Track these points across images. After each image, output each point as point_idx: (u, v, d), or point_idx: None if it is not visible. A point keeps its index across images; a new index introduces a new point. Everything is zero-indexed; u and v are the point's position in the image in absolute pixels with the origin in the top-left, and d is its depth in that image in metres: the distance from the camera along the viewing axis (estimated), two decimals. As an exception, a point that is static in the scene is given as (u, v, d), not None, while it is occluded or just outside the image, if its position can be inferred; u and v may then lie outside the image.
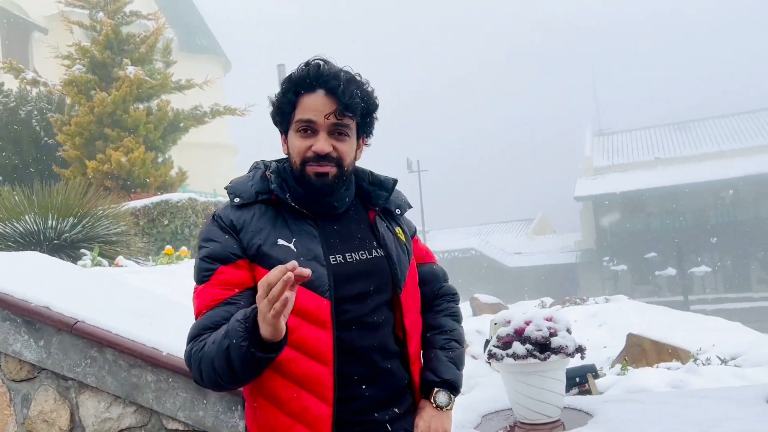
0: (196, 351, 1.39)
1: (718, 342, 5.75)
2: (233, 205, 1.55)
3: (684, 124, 38.84)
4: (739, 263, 32.13)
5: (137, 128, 12.18)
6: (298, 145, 1.50)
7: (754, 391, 2.73)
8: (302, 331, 1.43)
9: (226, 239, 1.48)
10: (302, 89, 1.49)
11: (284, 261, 1.28)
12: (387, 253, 1.58)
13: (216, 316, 1.40)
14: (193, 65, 23.46)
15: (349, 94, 1.48)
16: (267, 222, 1.50)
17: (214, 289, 1.44)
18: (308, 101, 1.49)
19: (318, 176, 1.49)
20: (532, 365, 2.58)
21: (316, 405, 1.43)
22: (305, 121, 1.49)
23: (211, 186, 22.15)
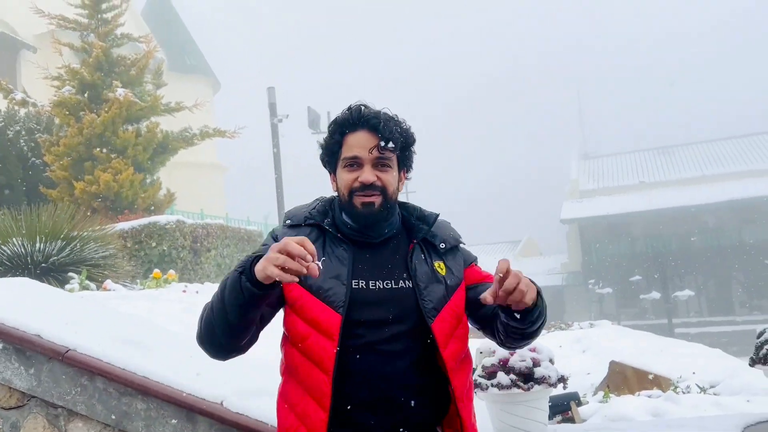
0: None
1: (698, 369, 5.84)
2: (285, 224, 1.74)
3: (668, 148, 39.43)
4: (722, 287, 32.45)
5: (126, 150, 12.20)
6: (346, 178, 1.65)
7: (731, 420, 2.80)
8: (312, 339, 1.56)
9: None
10: (347, 129, 1.66)
11: (308, 276, 1.45)
12: (415, 283, 1.64)
13: None
14: (181, 85, 23.55)
15: (389, 130, 1.64)
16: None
17: None
18: (353, 139, 1.65)
19: (364, 205, 1.64)
20: (516, 395, 2.63)
21: (315, 411, 1.55)
22: (351, 158, 1.65)
23: (199, 206, 22.14)
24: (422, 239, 1.72)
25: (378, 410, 1.57)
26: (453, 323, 1.64)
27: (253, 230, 13.13)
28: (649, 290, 25.35)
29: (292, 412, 1.60)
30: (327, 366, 1.53)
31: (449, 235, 1.78)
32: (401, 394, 1.59)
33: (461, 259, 1.76)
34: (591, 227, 35.49)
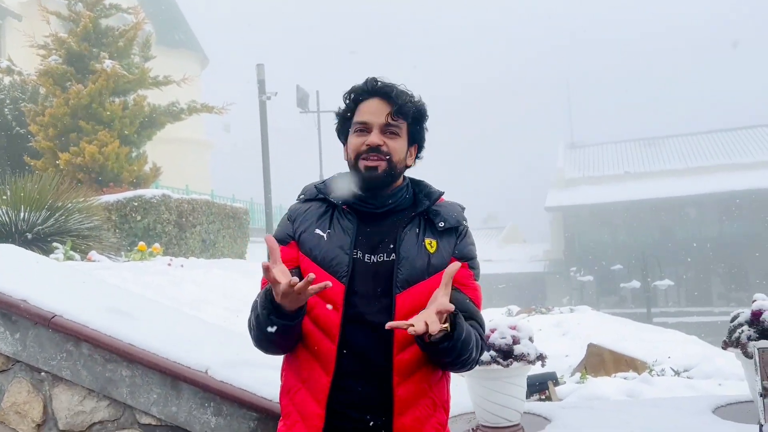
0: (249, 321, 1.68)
1: (673, 354, 5.98)
2: (298, 199, 1.82)
3: (653, 140, 39.70)
4: (701, 278, 32.95)
5: (112, 122, 12.06)
6: (354, 142, 1.70)
7: (702, 401, 2.88)
8: (319, 309, 1.64)
9: (287, 224, 1.77)
10: (361, 97, 1.71)
11: (313, 246, 1.69)
12: (397, 255, 1.65)
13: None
14: (169, 60, 23.23)
15: (401, 99, 1.69)
16: (314, 215, 1.75)
17: None
18: (364, 106, 1.70)
19: (368, 169, 1.67)
20: (495, 371, 2.69)
21: (319, 375, 1.63)
22: (361, 123, 1.69)
23: (184, 182, 21.99)
24: (423, 216, 1.73)
25: (365, 378, 1.63)
26: (423, 302, 1.56)
27: (239, 207, 13.09)
28: (629, 279, 25.67)
29: (296, 374, 1.69)
30: (333, 334, 1.62)
31: (451, 216, 1.75)
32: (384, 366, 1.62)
33: (454, 245, 1.72)
34: (575, 216, 35.78)
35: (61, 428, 2.72)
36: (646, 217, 33.63)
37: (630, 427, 2.44)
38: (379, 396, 1.62)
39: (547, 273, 36.89)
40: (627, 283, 25.55)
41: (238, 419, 2.53)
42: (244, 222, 12.55)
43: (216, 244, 11.02)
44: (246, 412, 2.51)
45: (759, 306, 2.51)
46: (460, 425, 2.80)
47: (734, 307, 13.41)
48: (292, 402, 1.69)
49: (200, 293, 5.86)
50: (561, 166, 38.32)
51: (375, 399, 1.63)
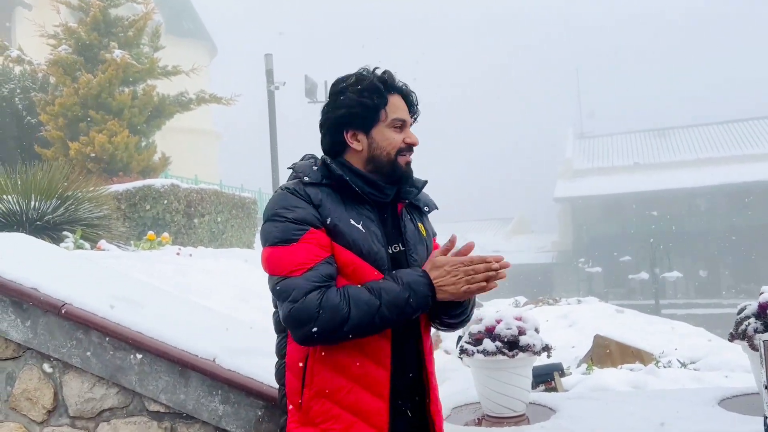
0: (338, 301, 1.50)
1: (680, 346, 5.97)
2: (304, 183, 1.68)
3: (663, 131, 39.44)
4: (710, 270, 32.79)
5: (122, 112, 12.12)
6: (396, 138, 1.72)
7: (708, 393, 2.88)
8: None
9: (309, 207, 1.62)
10: (391, 91, 1.73)
11: (356, 238, 1.61)
12: (406, 244, 1.74)
13: (323, 271, 1.55)
14: (178, 49, 23.26)
15: (417, 102, 1.80)
16: (337, 203, 1.66)
17: (311, 247, 1.57)
18: (397, 102, 1.73)
19: (408, 165, 1.74)
20: (501, 362, 2.70)
21: (374, 369, 1.61)
22: (401, 119, 1.72)
23: (193, 172, 22.06)
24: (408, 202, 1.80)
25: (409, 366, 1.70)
26: None
27: (247, 197, 13.14)
28: (638, 271, 25.59)
29: (341, 374, 1.60)
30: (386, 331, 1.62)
31: (431, 200, 1.90)
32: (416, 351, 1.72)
33: (430, 225, 1.90)
34: (583, 207, 35.65)
35: (72, 414, 2.76)
36: (656, 209, 33.45)
37: (635, 418, 2.45)
38: (418, 381, 1.73)
39: (554, 264, 36.82)
40: (636, 275, 25.47)
41: (246, 407, 2.55)
42: (252, 212, 12.60)
43: (224, 234, 11.07)
44: (253, 400, 2.54)
45: (766, 299, 2.50)
46: (466, 415, 2.82)
47: (743, 299, 13.31)
48: (339, 404, 1.60)
49: (208, 282, 5.89)
50: (570, 157, 38.17)
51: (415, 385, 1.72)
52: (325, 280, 1.53)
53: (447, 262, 1.57)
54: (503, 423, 2.59)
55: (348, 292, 1.52)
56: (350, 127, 1.72)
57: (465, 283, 1.54)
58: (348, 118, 1.71)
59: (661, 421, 2.34)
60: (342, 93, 1.72)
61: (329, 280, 1.55)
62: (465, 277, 1.54)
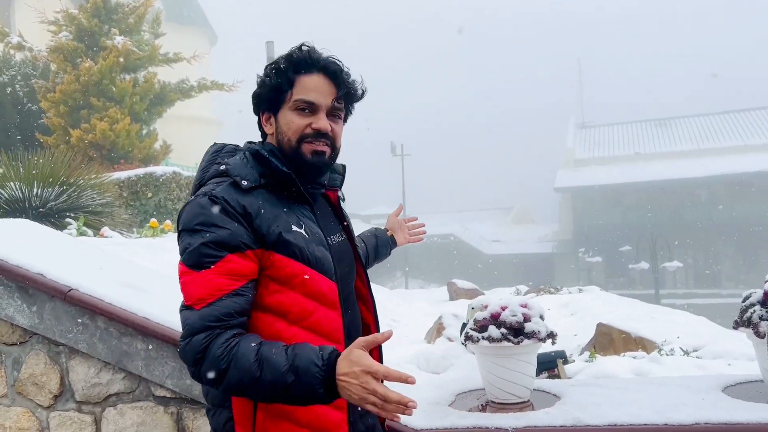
0: (220, 355, 1.34)
1: (682, 334, 6.00)
2: (241, 188, 1.48)
3: (664, 120, 39.37)
4: (710, 260, 32.85)
5: (123, 99, 12.10)
6: (297, 122, 1.53)
7: (712, 380, 2.89)
8: (318, 314, 1.49)
9: (236, 227, 1.43)
10: (302, 69, 1.53)
11: (302, 247, 1.46)
12: (349, 235, 1.71)
13: (226, 308, 1.37)
14: (179, 37, 23.18)
15: (349, 81, 1.57)
16: (276, 208, 1.50)
17: (220, 278, 1.39)
18: (308, 82, 1.53)
19: (314, 154, 1.54)
20: (506, 348, 2.71)
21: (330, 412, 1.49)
22: (306, 102, 1.53)
23: (193, 159, 22.04)
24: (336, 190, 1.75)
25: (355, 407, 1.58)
26: None
27: (248, 185, 13.12)
28: (638, 260, 25.60)
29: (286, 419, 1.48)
30: (338, 336, 1.52)
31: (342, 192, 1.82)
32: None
33: None
34: (584, 196, 35.65)
35: (78, 399, 2.77)
36: (656, 199, 33.47)
37: (641, 405, 2.46)
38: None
39: (555, 254, 36.87)
40: (636, 265, 25.49)
41: (252, 392, 2.57)
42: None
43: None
44: (259, 385, 2.55)
45: (772, 286, 2.50)
46: (470, 401, 2.83)
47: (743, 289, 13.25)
48: (297, 423, 1.46)
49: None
50: (571, 147, 38.11)
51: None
52: (219, 319, 1.36)
53: (376, 373, 1.25)
54: (508, 409, 2.60)
55: (236, 350, 1.33)
56: (262, 107, 1.60)
57: (365, 402, 1.27)
58: (257, 98, 1.60)
59: (667, 408, 2.35)
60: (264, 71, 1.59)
61: (229, 318, 1.37)
62: (372, 398, 1.26)
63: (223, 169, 1.52)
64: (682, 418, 2.27)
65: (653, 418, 2.33)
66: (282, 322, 1.47)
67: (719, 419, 2.25)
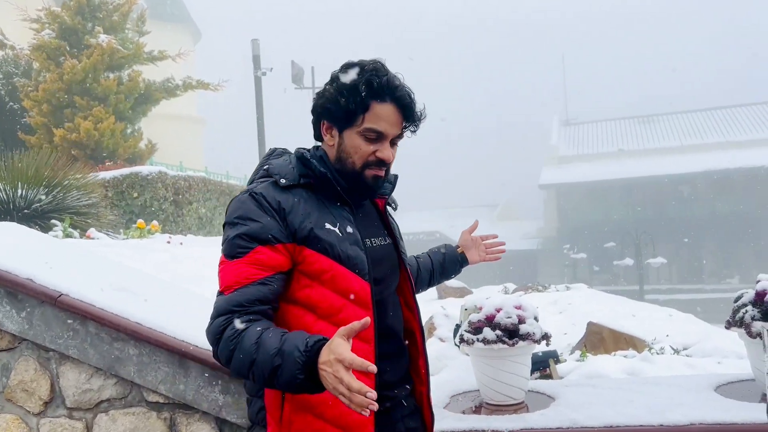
0: (231, 335, 1.43)
1: (671, 332, 6.05)
2: (280, 186, 1.59)
3: (648, 117, 39.70)
4: (693, 256, 33.21)
5: (107, 98, 11.97)
6: (364, 149, 1.61)
7: (704, 379, 2.91)
8: (347, 311, 1.54)
9: (268, 221, 1.53)
10: (378, 98, 1.58)
11: (333, 243, 1.54)
12: (394, 239, 1.76)
13: (249, 295, 1.47)
14: (162, 34, 22.96)
15: (417, 115, 1.64)
16: (312, 206, 1.59)
17: (249, 267, 1.50)
18: (381, 111, 1.59)
19: (375, 179, 1.64)
20: (501, 350, 2.71)
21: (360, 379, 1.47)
22: (376, 131, 1.60)
23: (177, 158, 21.86)
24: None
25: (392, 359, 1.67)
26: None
27: (235, 184, 13.07)
28: (622, 257, 25.83)
29: None
30: (368, 335, 1.56)
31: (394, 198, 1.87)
32: (403, 342, 1.74)
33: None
34: (568, 193, 35.88)
35: (69, 406, 2.74)
36: (640, 195, 33.76)
37: (635, 405, 2.48)
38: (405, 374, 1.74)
39: (540, 250, 37.07)
40: (620, 261, 25.70)
41: (246, 397, 2.55)
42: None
43: (212, 222, 11.01)
44: (255, 390, 2.53)
45: (763, 286, 2.53)
46: (465, 402, 2.83)
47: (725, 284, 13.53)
48: (321, 418, 1.53)
49: (201, 270, 5.86)
50: (555, 144, 38.32)
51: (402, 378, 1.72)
52: (241, 305, 1.45)
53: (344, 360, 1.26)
54: (503, 411, 2.60)
55: (245, 333, 1.41)
56: (326, 119, 1.65)
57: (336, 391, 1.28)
58: (324, 110, 1.64)
59: (662, 408, 2.37)
60: (332, 81, 1.63)
61: (251, 304, 1.46)
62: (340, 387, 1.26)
63: (266, 168, 1.65)
64: (677, 419, 2.29)
65: (648, 418, 2.34)
66: (311, 315, 1.55)
67: (714, 419, 2.27)
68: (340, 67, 1.64)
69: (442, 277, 2.29)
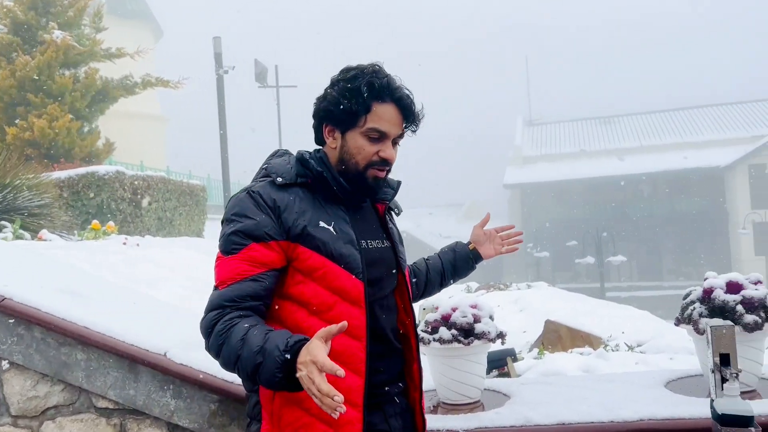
0: (221, 330, 1.47)
1: (627, 329, 6.17)
2: (277, 184, 1.63)
3: (609, 118, 40.44)
4: (652, 254, 33.98)
5: (63, 95, 11.66)
6: (368, 150, 1.64)
7: (655, 376, 2.96)
8: (339, 308, 1.57)
9: (263, 218, 1.57)
10: (379, 99, 1.63)
11: (325, 240, 1.57)
12: (392, 243, 1.78)
13: (241, 291, 1.51)
14: (122, 30, 22.53)
15: (416, 115, 1.69)
16: (308, 205, 1.62)
17: (242, 264, 1.53)
18: (383, 112, 1.63)
19: (376, 179, 1.68)
20: (456, 349, 2.72)
21: (349, 377, 1.52)
22: (380, 131, 1.64)
23: (138, 158, 21.47)
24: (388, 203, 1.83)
25: (385, 360, 1.68)
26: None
27: (196, 184, 12.85)
28: (584, 255, 26.28)
29: None
30: (359, 333, 1.58)
31: (398, 204, 1.90)
32: (398, 342, 1.74)
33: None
34: (532, 193, 36.34)
35: (14, 414, 2.65)
36: (601, 195, 34.37)
37: (588, 402, 2.50)
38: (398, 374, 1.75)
39: (504, 249, 37.40)
40: (582, 259, 26.15)
41: (198, 402, 2.51)
42: (202, 199, 12.35)
43: (173, 222, 10.82)
44: (206, 394, 2.49)
45: (710, 284, 2.58)
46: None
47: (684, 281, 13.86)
48: (309, 412, 1.54)
49: (158, 272, 5.75)
50: (519, 144, 38.77)
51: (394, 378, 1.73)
52: (233, 300, 1.49)
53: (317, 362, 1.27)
54: (459, 410, 2.61)
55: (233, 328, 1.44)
56: (328, 122, 1.69)
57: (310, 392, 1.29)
58: (326, 113, 1.67)
59: (614, 405, 2.40)
60: (333, 85, 1.67)
61: (242, 300, 1.50)
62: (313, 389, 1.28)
63: (266, 168, 1.70)
64: (628, 415, 2.33)
65: (600, 415, 2.37)
66: (302, 311, 1.57)
67: (662, 415, 2.31)
68: (340, 72, 1.69)
69: (455, 276, 2.30)
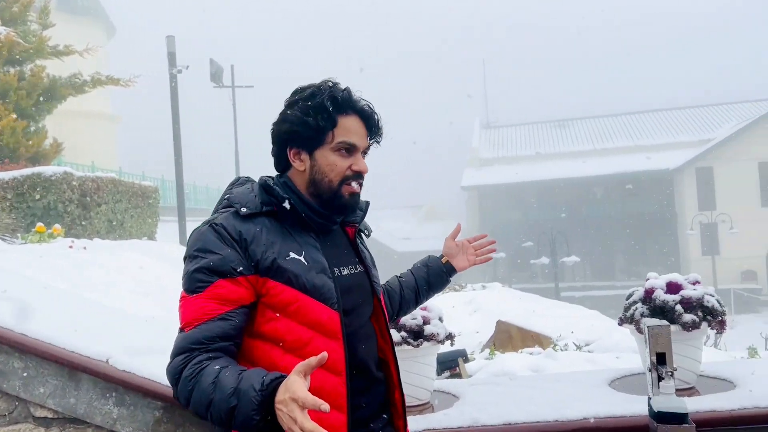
0: (190, 375, 1.36)
1: (576, 329, 6.30)
2: (241, 215, 1.52)
3: (564, 122, 41.27)
4: (605, 254, 34.79)
5: (7, 94, 11.27)
6: (341, 165, 1.57)
7: (600, 375, 3.03)
8: (316, 343, 1.47)
9: (228, 252, 1.46)
10: (343, 112, 1.57)
11: (298, 273, 1.47)
12: (366, 267, 1.69)
13: (209, 331, 1.41)
14: (72, 28, 21.97)
15: (380, 125, 1.65)
16: (276, 235, 1.52)
17: (209, 302, 1.43)
18: (349, 124, 1.58)
19: (352, 195, 1.60)
20: (406, 351, 2.73)
21: (331, 413, 1.40)
22: (349, 143, 1.57)
23: (89, 158, 20.93)
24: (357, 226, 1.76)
25: (367, 392, 1.59)
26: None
27: (148, 186, 12.58)
28: (539, 255, 26.70)
29: None
30: (339, 368, 1.49)
31: (367, 225, 1.83)
32: (379, 373, 1.65)
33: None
34: (489, 194, 36.81)
35: (-54, 425, 2.54)
36: (556, 196, 35.03)
37: (536, 402, 2.55)
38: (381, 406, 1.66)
39: (462, 250, 37.74)
40: (537, 260, 26.56)
41: (143, 408, 2.45)
42: (154, 201, 12.08)
43: (124, 225, 10.56)
44: (150, 401, 2.44)
45: (651, 284, 2.64)
46: (372, 405, 2.81)
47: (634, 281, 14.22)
48: None
49: (106, 277, 5.61)
50: (476, 146, 39.22)
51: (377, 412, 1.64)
52: (201, 342, 1.39)
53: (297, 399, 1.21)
54: (409, 412, 2.61)
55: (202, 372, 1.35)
56: (293, 144, 1.59)
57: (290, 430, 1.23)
58: (291, 135, 1.58)
59: (560, 404, 2.45)
60: (291, 106, 1.58)
61: (210, 341, 1.40)
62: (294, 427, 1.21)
63: (228, 198, 1.60)
64: (572, 414, 2.37)
65: (546, 414, 2.41)
66: (277, 350, 1.47)
67: (605, 413, 2.37)
68: (293, 93, 1.62)
69: (430, 292, 2.15)
